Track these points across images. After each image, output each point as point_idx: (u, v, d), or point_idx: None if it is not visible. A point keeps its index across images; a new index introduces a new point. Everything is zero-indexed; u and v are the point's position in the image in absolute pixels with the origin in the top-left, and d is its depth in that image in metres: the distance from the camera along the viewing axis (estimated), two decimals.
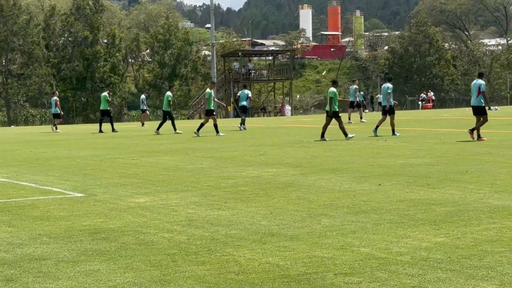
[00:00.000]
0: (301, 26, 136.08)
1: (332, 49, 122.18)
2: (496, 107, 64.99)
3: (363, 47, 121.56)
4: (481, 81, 22.85)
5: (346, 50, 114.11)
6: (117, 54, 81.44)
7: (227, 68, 78.17)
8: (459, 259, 6.82)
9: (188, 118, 72.46)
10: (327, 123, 24.62)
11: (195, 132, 29.44)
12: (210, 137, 28.32)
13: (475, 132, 22.28)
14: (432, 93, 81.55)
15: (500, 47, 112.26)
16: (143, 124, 45.83)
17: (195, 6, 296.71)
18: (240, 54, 77.99)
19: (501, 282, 5.97)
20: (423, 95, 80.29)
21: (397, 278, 6.20)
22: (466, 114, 50.34)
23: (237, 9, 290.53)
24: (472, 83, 23.21)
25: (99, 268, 6.91)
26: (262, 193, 11.63)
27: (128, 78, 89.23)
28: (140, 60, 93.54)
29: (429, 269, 6.47)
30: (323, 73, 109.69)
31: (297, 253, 7.28)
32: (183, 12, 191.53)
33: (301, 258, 7.04)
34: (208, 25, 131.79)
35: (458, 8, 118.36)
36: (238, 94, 39.95)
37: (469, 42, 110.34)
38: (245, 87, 39.59)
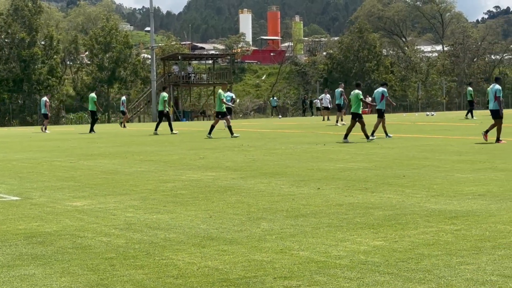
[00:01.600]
0: (241, 30, 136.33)
1: (271, 54, 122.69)
2: (432, 113, 66.14)
3: (302, 52, 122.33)
4: (498, 86, 22.88)
5: (286, 55, 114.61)
6: (55, 56, 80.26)
7: (167, 71, 77.80)
8: (396, 262, 6.88)
9: (127, 121, 71.74)
10: (352, 125, 24.80)
11: (207, 135, 29.22)
12: (149, 140, 28.16)
13: (489, 134, 22.60)
14: (370, 98, 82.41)
15: (436, 54, 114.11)
16: (124, 126, 45.56)
17: (135, 9, 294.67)
18: (179, 57, 77.67)
19: (437, 285, 6.03)
20: None
21: (336, 282, 6.22)
22: (403, 119, 50.97)
23: (177, 13, 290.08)
24: (489, 88, 23.37)
25: (34, 272, 6.78)
26: (201, 197, 11.59)
27: (66, 81, 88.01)
28: (78, 62, 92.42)
29: (368, 273, 6.51)
30: (263, 78, 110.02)
31: (236, 256, 7.26)
32: (123, 15, 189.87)
33: (240, 262, 7.02)
34: (147, 28, 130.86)
35: (395, 15, 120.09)
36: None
37: (406, 48, 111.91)
38: (229, 89, 39.76)
